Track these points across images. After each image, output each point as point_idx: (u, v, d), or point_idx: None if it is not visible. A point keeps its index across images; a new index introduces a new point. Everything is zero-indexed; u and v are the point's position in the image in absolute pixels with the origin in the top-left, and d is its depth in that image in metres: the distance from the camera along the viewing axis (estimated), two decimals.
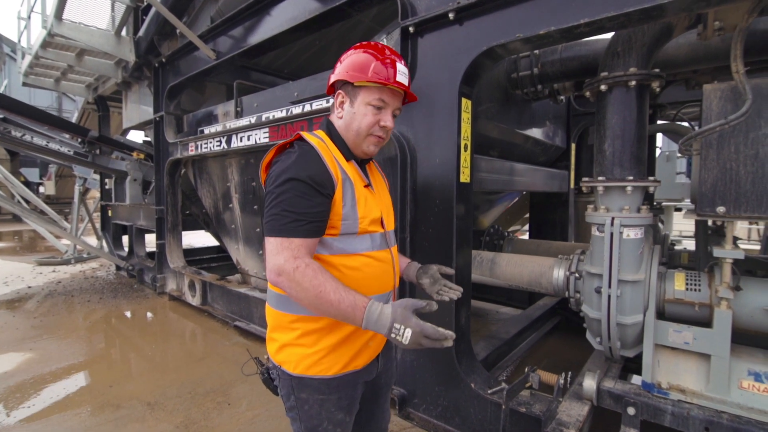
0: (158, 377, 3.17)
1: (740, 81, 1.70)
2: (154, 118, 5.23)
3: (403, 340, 1.01)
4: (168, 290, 5.35)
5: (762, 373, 1.91)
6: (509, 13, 2.06)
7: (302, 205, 1.09)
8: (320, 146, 1.18)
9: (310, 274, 1.05)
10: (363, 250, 1.22)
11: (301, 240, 1.09)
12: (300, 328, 1.21)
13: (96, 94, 6.85)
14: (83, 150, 5.90)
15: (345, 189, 1.17)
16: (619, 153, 2.08)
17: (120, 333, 4.24)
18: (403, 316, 1.03)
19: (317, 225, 1.12)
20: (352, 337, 1.23)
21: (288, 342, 1.23)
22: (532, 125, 3.42)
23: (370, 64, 1.20)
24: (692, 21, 1.93)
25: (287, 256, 1.07)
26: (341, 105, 1.27)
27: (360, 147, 1.26)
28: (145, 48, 5.08)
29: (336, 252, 1.18)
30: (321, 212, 1.12)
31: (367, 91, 1.21)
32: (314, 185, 1.10)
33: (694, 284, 2.10)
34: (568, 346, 3.71)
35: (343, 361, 1.22)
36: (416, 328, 1.00)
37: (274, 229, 1.10)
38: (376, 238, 1.25)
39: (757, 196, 1.78)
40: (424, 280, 1.44)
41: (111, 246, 7.07)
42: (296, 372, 1.22)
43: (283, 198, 1.09)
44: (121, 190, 6.63)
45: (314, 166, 1.12)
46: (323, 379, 1.21)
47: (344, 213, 1.16)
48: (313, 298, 1.05)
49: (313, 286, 1.05)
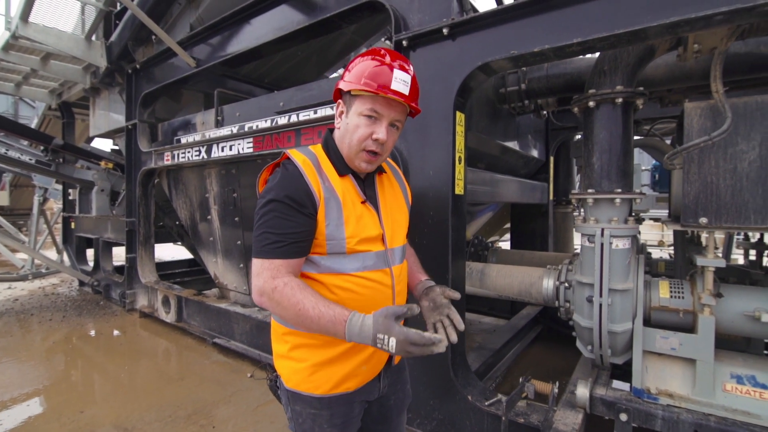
0: (134, 401, 2.97)
1: (720, 100, 1.82)
2: (126, 126, 5.01)
3: (390, 350, 0.98)
4: (138, 307, 5.08)
5: (744, 376, 2.01)
6: (503, 30, 2.12)
7: (282, 226, 1.08)
8: (305, 165, 1.14)
9: (288, 293, 1.05)
10: (353, 270, 1.17)
11: (281, 261, 1.08)
12: (290, 342, 1.21)
13: (60, 100, 6.50)
14: (46, 159, 5.56)
15: (329, 208, 1.13)
16: (606, 166, 2.16)
17: (88, 355, 3.97)
18: (385, 326, 0.98)
19: (299, 245, 1.10)
20: (344, 357, 1.18)
21: (282, 354, 1.24)
22: (516, 138, 3.52)
23: (365, 70, 1.13)
24: (673, 43, 2.06)
25: (266, 277, 1.07)
26: (340, 115, 1.22)
27: (353, 163, 1.20)
28: (118, 53, 4.88)
29: (324, 271, 1.16)
30: (303, 232, 1.10)
31: (361, 101, 1.14)
32: (294, 205, 1.08)
33: (678, 292, 2.19)
34: (552, 354, 3.78)
35: (332, 382, 1.19)
36: (400, 336, 0.96)
37: (257, 250, 1.11)
38: (370, 257, 1.19)
39: (736, 207, 1.89)
40: (424, 302, 1.32)
41: (74, 260, 6.66)
42: (289, 386, 1.22)
43: (265, 219, 1.10)
44: (86, 201, 6.28)
45: (295, 186, 1.10)
46: (314, 397, 1.19)
47: (328, 233, 1.13)
48: (293, 316, 1.05)
49: (291, 305, 1.04)
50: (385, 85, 1.11)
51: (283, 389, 1.24)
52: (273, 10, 3.43)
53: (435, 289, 1.32)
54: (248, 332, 3.70)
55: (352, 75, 1.16)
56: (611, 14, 1.79)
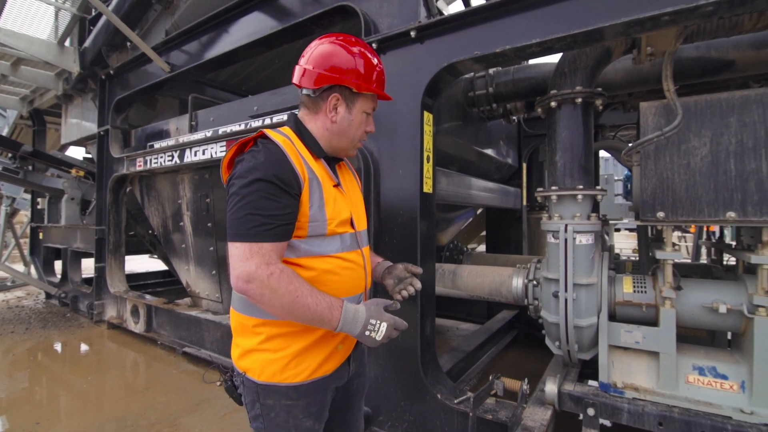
0: (94, 412, 2.84)
1: (671, 98, 1.90)
2: (99, 132, 4.92)
3: (377, 336, 1.08)
4: (107, 318, 4.90)
5: (705, 367, 2.05)
6: (468, 33, 2.19)
7: (271, 207, 1.03)
8: (286, 144, 1.12)
9: (285, 280, 1.01)
10: (332, 252, 1.17)
11: (271, 244, 1.03)
12: (264, 333, 1.14)
13: (32, 107, 6.36)
14: (14, 166, 5.39)
15: (312, 189, 1.12)
16: (569, 164, 2.22)
17: (49, 367, 3.79)
18: (377, 312, 1.11)
19: (286, 228, 1.07)
20: (322, 340, 1.17)
21: (252, 347, 1.16)
22: (488, 143, 3.59)
23: (373, 71, 1.19)
24: (628, 46, 2.15)
25: (259, 262, 1.01)
26: (335, 109, 1.20)
27: (347, 152, 1.27)
28: (91, 59, 4.82)
29: (303, 254, 1.13)
30: (290, 214, 1.07)
31: (366, 100, 1.22)
32: (282, 185, 1.04)
33: (641, 287, 2.24)
34: (527, 357, 3.79)
35: (312, 366, 1.16)
36: (390, 321, 1.11)
37: (241, 233, 1.03)
38: (346, 239, 1.21)
39: (690, 201, 1.96)
40: (387, 281, 1.39)
41: (41, 272, 6.41)
42: (261, 379, 1.14)
43: (251, 199, 1.03)
44: (55, 211, 6.09)
45: (281, 165, 1.07)
46: (291, 386, 1.14)
47: (311, 214, 1.11)
48: (288, 304, 1.01)
49: (288, 292, 1.01)
50: (383, 86, 1.24)
51: (249, 385, 1.16)
52: (247, 15, 3.45)
53: (398, 266, 1.42)
54: (219, 340, 3.60)
55: (358, 74, 1.17)
56: (567, 16, 1.87)
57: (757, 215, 1.85)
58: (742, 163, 1.87)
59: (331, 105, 1.19)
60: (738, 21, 1.90)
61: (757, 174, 1.84)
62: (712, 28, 1.96)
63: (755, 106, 1.85)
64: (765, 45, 2.16)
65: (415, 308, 2.30)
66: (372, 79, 1.19)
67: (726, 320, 2.05)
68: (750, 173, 1.85)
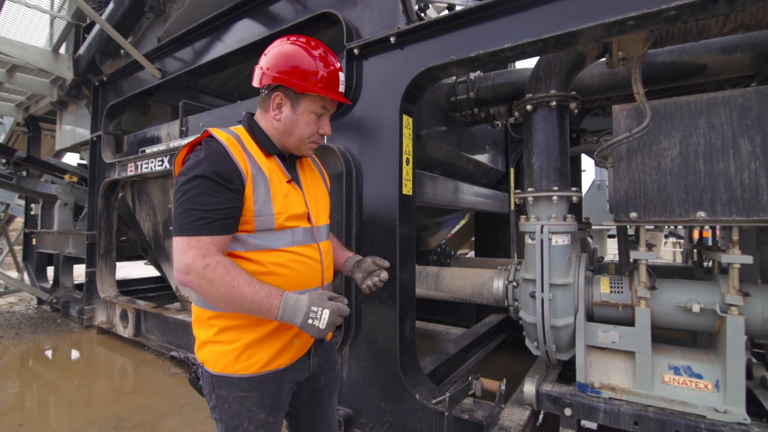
0: (78, 415, 2.84)
1: (641, 101, 1.95)
2: (91, 138, 4.97)
3: (320, 324, 1.06)
4: (97, 323, 4.89)
5: (680, 367, 2.07)
6: (445, 39, 2.24)
7: (209, 202, 1.06)
8: (229, 142, 1.14)
9: (221, 271, 1.04)
10: (282, 246, 1.19)
11: (210, 237, 1.06)
12: (217, 325, 1.17)
13: (27, 114, 6.41)
14: (7, 172, 5.42)
15: (256, 184, 1.14)
16: (546, 166, 2.26)
17: (36, 371, 3.79)
18: (319, 300, 1.09)
19: (226, 222, 1.09)
20: (274, 334, 1.19)
21: (207, 339, 1.19)
22: (474, 148, 3.64)
23: (318, 72, 1.18)
24: (601, 51, 2.20)
25: (195, 255, 1.04)
26: (279, 107, 1.22)
27: (299, 150, 1.27)
28: (85, 66, 4.89)
29: (252, 248, 1.16)
30: (230, 208, 1.09)
31: (311, 100, 1.22)
32: (221, 181, 1.07)
33: (617, 287, 2.26)
34: (515, 361, 3.79)
35: (264, 359, 1.18)
36: (332, 307, 1.09)
37: (182, 227, 1.07)
38: (298, 233, 1.23)
39: (662, 202, 1.99)
40: (357, 274, 1.42)
41: (33, 278, 6.42)
42: (215, 370, 1.17)
43: (189, 195, 1.07)
44: (48, 216, 6.11)
45: (221, 162, 1.10)
46: (243, 377, 1.16)
47: (256, 209, 1.14)
48: (225, 294, 1.03)
49: (224, 282, 1.03)
50: (336, 87, 1.23)
51: (206, 376, 1.19)
52: (237, 23, 3.52)
53: (366, 260, 1.44)
54: None
55: (300, 75, 1.18)
56: (538, 22, 1.92)
57: (726, 215, 1.88)
58: (711, 164, 1.90)
59: (275, 104, 1.22)
60: (705, 25, 1.95)
61: (726, 174, 1.87)
62: (681, 33, 2.01)
63: (722, 108, 1.90)
64: (735, 49, 2.21)
65: (394, 309, 2.32)
66: (315, 80, 1.18)
67: (700, 320, 2.07)
68: (719, 173, 1.89)
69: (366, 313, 2.48)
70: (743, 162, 1.84)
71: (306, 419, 1.42)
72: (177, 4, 4.16)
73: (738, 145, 1.85)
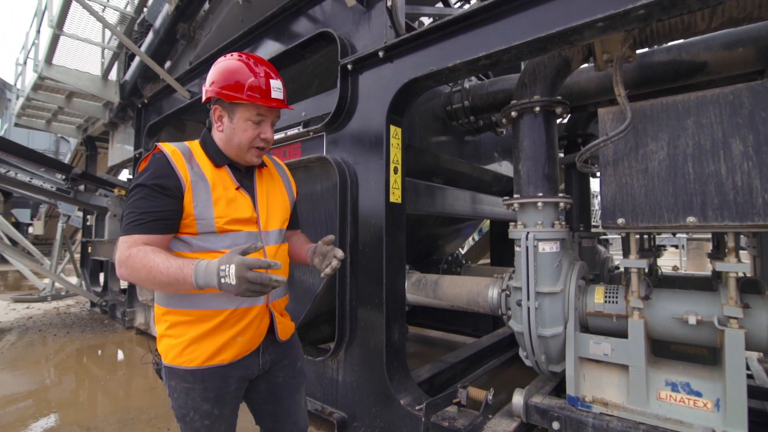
0: (103, 405, 3.11)
1: (622, 103, 1.89)
2: (134, 155, 5.46)
3: (231, 281, 1.03)
4: (136, 324, 5.31)
5: (678, 383, 1.94)
6: (427, 52, 2.30)
7: (144, 206, 1.18)
8: (173, 153, 1.25)
9: (140, 256, 1.13)
10: (223, 248, 1.25)
11: (139, 235, 1.17)
12: (168, 320, 1.28)
13: (85, 134, 7.15)
14: (66, 186, 6.07)
15: (196, 191, 1.23)
16: (532, 172, 2.23)
17: (76, 365, 4.19)
18: (228, 257, 1.06)
19: (160, 223, 1.18)
20: (216, 331, 1.26)
21: (161, 333, 1.31)
22: (480, 156, 3.62)
23: (246, 81, 1.26)
24: (585, 54, 2.15)
25: (122, 249, 1.16)
26: (220, 119, 1.33)
27: (244, 158, 1.34)
28: (130, 90, 5.41)
29: (196, 250, 1.25)
30: (165, 212, 1.19)
31: (245, 108, 1.29)
32: (157, 188, 1.19)
33: (612, 297, 2.16)
34: (529, 374, 3.65)
35: (206, 354, 1.25)
36: (238, 261, 1.04)
37: (122, 228, 1.21)
38: (240, 236, 1.29)
39: (650, 207, 1.91)
40: (315, 260, 1.45)
41: (88, 282, 7.07)
42: (166, 362, 1.28)
43: (130, 202, 1.21)
44: (101, 227, 6.73)
45: (160, 171, 1.21)
46: (187, 370, 1.25)
47: (196, 213, 1.22)
48: (146, 276, 1.12)
49: (143, 265, 1.11)
50: (266, 95, 1.29)
51: (163, 367, 1.30)
52: (252, 45, 3.77)
53: (318, 244, 1.47)
54: None
55: (229, 85, 1.26)
56: (510, 31, 1.94)
57: (717, 220, 1.76)
58: (701, 166, 1.80)
59: (216, 116, 1.33)
60: (691, 22, 1.87)
61: (717, 177, 1.77)
62: (666, 31, 1.93)
63: (711, 106, 1.79)
64: (736, 44, 2.08)
65: (381, 314, 2.36)
66: (243, 88, 1.25)
67: (699, 333, 1.94)
68: (709, 176, 1.78)
69: (360, 318, 2.53)
70: (735, 163, 1.73)
71: (268, 414, 1.49)
72: (205, 30, 4.52)
73: (729, 146, 1.75)
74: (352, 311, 2.57)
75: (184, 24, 4.50)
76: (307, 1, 3.09)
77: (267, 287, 1.06)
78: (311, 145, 2.89)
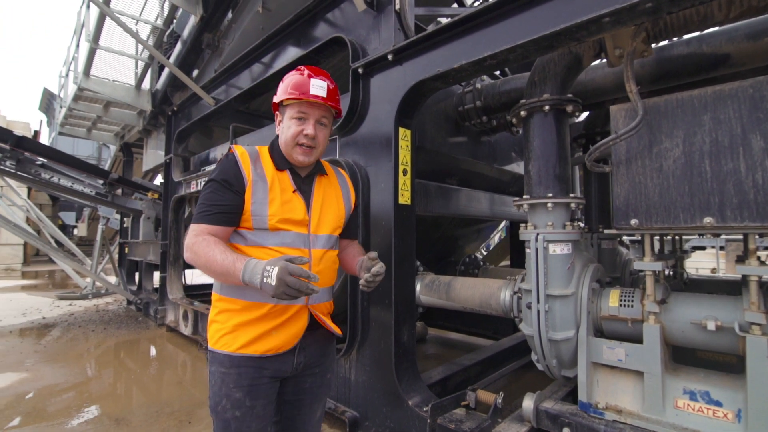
0: (133, 398, 3.29)
1: (633, 99, 1.82)
2: (165, 160, 5.72)
3: (272, 280, 1.12)
4: (167, 321, 5.56)
5: (697, 392, 1.85)
6: (434, 54, 2.31)
7: (212, 199, 1.34)
8: (242, 155, 1.40)
9: (204, 245, 1.27)
10: (272, 245, 1.37)
11: (206, 225, 1.32)
12: (219, 307, 1.40)
13: (122, 141, 7.57)
14: (104, 190, 6.45)
15: (255, 189, 1.36)
16: (543, 172, 2.18)
17: (110, 359, 4.45)
18: (275, 260, 1.18)
19: (224, 216, 1.34)
20: (257, 321, 1.35)
21: (212, 318, 1.42)
22: (495, 157, 3.57)
23: (289, 84, 1.42)
24: (596, 50, 2.09)
25: (191, 236, 1.31)
26: (279, 123, 1.49)
27: (292, 157, 1.44)
28: (161, 99, 5.68)
29: (250, 244, 1.37)
30: (229, 205, 1.34)
31: (290, 108, 1.43)
32: (224, 184, 1.34)
33: (628, 300, 2.09)
34: (548, 380, 3.57)
35: (242, 341, 1.34)
36: (282, 265, 1.14)
37: (193, 217, 1.36)
38: (289, 236, 1.39)
39: (665, 207, 1.83)
40: (361, 273, 1.45)
41: (124, 281, 7.46)
42: (210, 346, 1.39)
43: (203, 194, 1.37)
44: (136, 229, 7.11)
45: (228, 169, 1.37)
46: (226, 354, 1.34)
47: (253, 209, 1.36)
48: (204, 262, 1.26)
49: (205, 254, 1.26)
50: (305, 91, 1.39)
51: (207, 351, 1.43)
52: (270, 52, 3.89)
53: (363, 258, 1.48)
54: None
55: (281, 90, 1.45)
56: (515, 30, 1.92)
57: (736, 220, 1.67)
58: (719, 164, 1.72)
59: (277, 121, 1.51)
60: (707, 13, 1.78)
61: (735, 175, 1.68)
62: (681, 24, 1.85)
63: (730, 101, 1.71)
64: (762, 34, 1.97)
65: (390, 314, 2.38)
66: (286, 89, 1.41)
67: (720, 340, 1.84)
68: (727, 174, 1.70)
69: (371, 319, 2.56)
70: (755, 160, 1.64)
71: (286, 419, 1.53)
72: (228, 39, 4.69)
73: (749, 142, 1.66)
74: (364, 312, 2.60)
75: (208, 34, 4.69)
76: (320, 8, 3.16)
77: (302, 294, 1.15)
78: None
